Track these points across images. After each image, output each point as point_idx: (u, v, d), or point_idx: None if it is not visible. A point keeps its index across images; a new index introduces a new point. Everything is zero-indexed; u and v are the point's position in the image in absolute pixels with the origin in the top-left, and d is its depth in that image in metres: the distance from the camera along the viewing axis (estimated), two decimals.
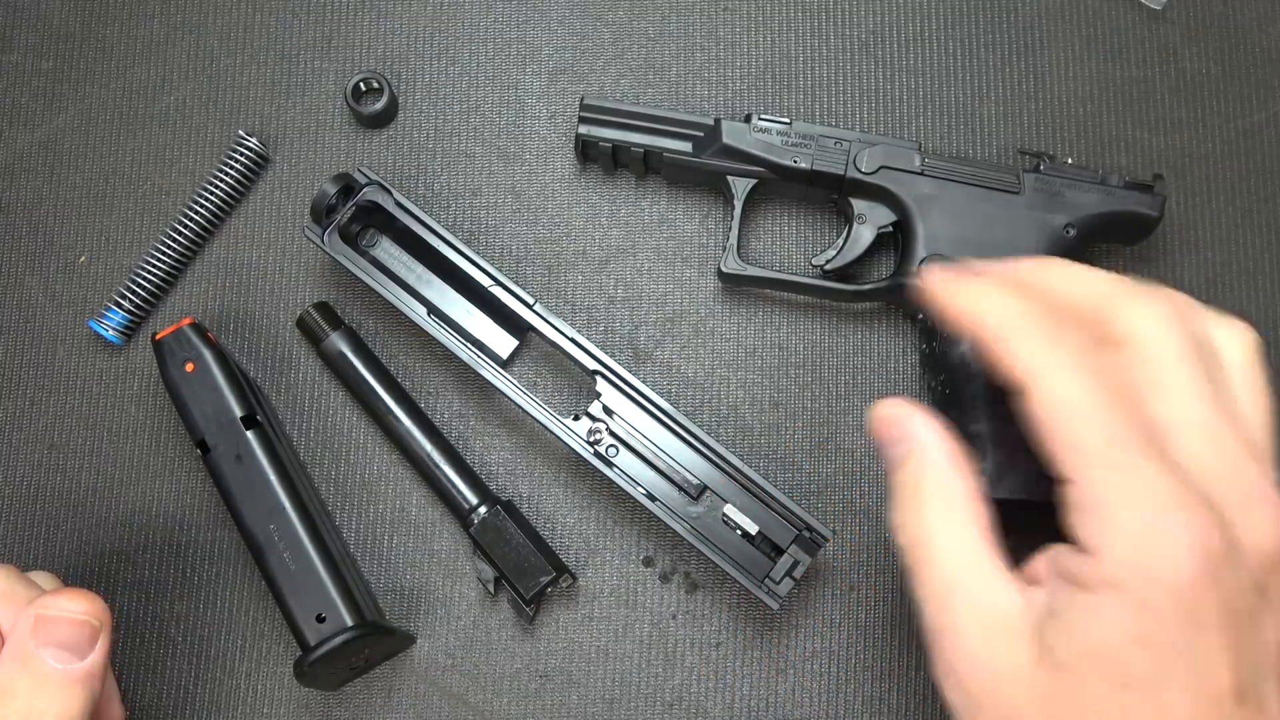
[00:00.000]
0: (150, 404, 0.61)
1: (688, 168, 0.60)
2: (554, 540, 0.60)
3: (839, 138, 0.59)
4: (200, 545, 0.60)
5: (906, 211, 0.58)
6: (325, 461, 0.61)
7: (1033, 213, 0.57)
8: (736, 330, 0.62)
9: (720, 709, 0.59)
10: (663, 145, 0.60)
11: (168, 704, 0.59)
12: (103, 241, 0.63)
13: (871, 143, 0.58)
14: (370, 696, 0.59)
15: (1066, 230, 0.57)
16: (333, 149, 0.64)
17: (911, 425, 0.45)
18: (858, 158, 0.58)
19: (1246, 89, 0.64)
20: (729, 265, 0.60)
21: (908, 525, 0.44)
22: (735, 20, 0.65)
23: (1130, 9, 0.65)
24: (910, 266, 0.57)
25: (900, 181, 0.58)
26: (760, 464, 0.61)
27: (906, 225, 0.58)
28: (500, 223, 0.63)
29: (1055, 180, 0.58)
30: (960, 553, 0.42)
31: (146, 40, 0.65)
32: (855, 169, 0.58)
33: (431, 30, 0.65)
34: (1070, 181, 0.58)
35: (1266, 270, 0.62)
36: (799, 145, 0.59)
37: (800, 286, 0.60)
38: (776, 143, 0.59)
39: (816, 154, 0.59)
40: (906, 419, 0.45)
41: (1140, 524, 0.38)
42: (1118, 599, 0.38)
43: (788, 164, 0.59)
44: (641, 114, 0.60)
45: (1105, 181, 0.58)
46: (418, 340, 0.62)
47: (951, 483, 0.44)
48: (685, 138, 0.60)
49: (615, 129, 0.60)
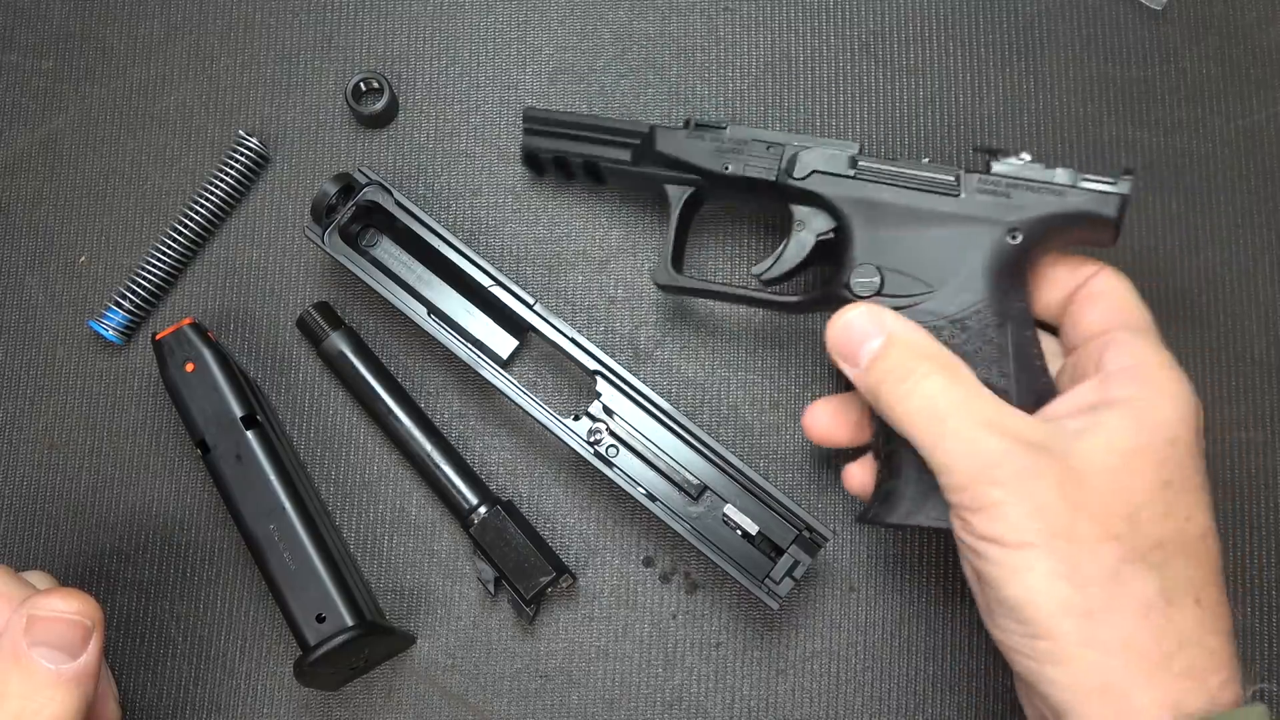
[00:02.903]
0: (150, 404, 0.61)
1: (629, 176, 0.59)
2: (554, 540, 0.60)
3: (772, 142, 0.56)
4: (200, 545, 0.60)
5: (841, 217, 0.54)
6: (325, 461, 0.61)
7: (973, 216, 0.52)
8: (736, 330, 0.62)
9: (720, 709, 0.59)
10: (602, 154, 0.58)
11: (168, 704, 0.59)
12: (103, 241, 0.63)
13: (807, 146, 0.55)
14: (370, 696, 0.59)
15: (1011, 235, 0.51)
16: (333, 149, 0.64)
17: (881, 318, 0.49)
18: (790, 163, 0.55)
19: (1246, 89, 0.64)
20: (660, 277, 0.57)
21: (918, 398, 0.47)
22: (735, 20, 0.65)
23: (1130, 9, 0.65)
24: (842, 276, 0.53)
25: (833, 185, 0.54)
26: (760, 464, 0.61)
27: (842, 231, 0.54)
28: (500, 223, 0.63)
29: (1000, 181, 0.52)
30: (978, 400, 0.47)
31: (146, 40, 0.65)
32: (786, 175, 0.55)
33: (431, 30, 0.65)
34: (1017, 182, 0.52)
35: (1266, 270, 0.62)
36: (730, 151, 0.56)
37: (734, 297, 0.58)
38: (709, 149, 0.56)
39: (748, 160, 0.56)
40: (874, 316, 0.49)
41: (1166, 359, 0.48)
42: (1154, 405, 0.46)
43: (718, 170, 0.56)
44: (580, 122, 0.59)
45: (1059, 180, 0.52)
46: (418, 340, 0.62)
47: (939, 351, 0.49)
48: (624, 145, 0.58)
49: (557, 139, 0.59)
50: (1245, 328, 0.62)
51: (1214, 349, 0.61)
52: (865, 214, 0.54)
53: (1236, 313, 0.62)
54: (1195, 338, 0.61)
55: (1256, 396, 0.61)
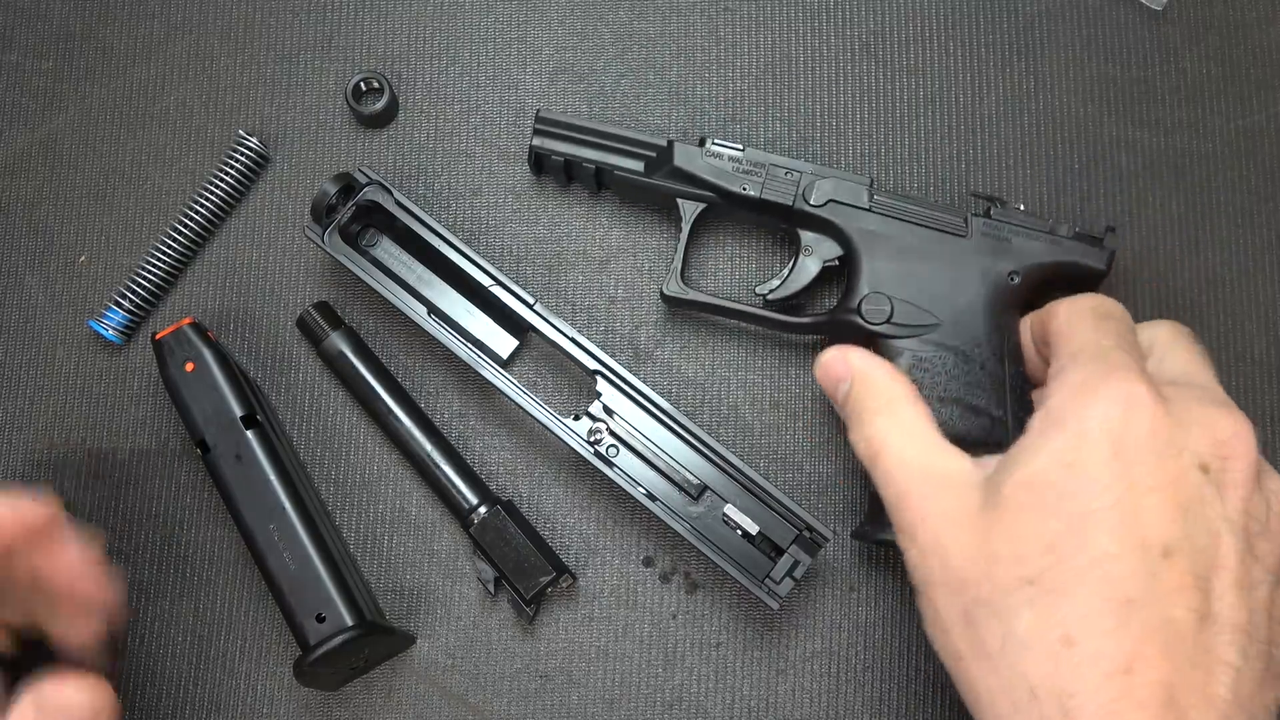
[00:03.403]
0: (150, 404, 0.61)
1: (639, 187, 0.60)
2: (554, 540, 0.60)
3: (790, 168, 0.58)
4: (200, 545, 0.60)
5: (852, 246, 0.57)
6: (325, 461, 0.61)
7: (978, 257, 0.56)
8: (737, 330, 0.62)
9: (720, 709, 0.59)
10: (615, 163, 0.59)
11: (168, 704, 0.59)
12: (103, 241, 0.63)
13: (823, 175, 0.58)
14: (370, 696, 0.59)
15: (1011, 277, 0.56)
16: (333, 149, 0.64)
17: (847, 359, 0.51)
18: (807, 190, 0.58)
19: (1246, 89, 0.64)
20: (670, 289, 0.59)
21: (862, 437, 0.49)
22: (735, 20, 0.65)
23: (1130, 9, 0.65)
24: (851, 302, 0.57)
25: (847, 216, 0.57)
26: (760, 464, 0.61)
27: (851, 260, 0.58)
28: (500, 223, 0.63)
29: (1003, 226, 0.57)
30: (908, 437, 0.48)
31: (146, 40, 0.65)
32: (803, 201, 0.58)
33: (431, 30, 0.65)
34: (1018, 229, 0.57)
35: (1266, 270, 0.62)
36: (749, 172, 0.58)
37: (742, 314, 0.60)
38: (727, 169, 0.58)
39: (766, 183, 0.58)
40: (841, 357, 0.51)
41: (1084, 376, 0.45)
42: (1055, 434, 0.43)
43: (736, 190, 0.58)
44: (596, 130, 0.59)
45: (1054, 231, 0.57)
46: (418, 340, 0.62)
47: (890, 388, 0.50)
48: (638, 157, 0.59)
49: (569, 143, 0.60)
50: (1245, 328, 0.62)
51: (1214, 349, 0.61)
52: (876, 246, 0.57)
53: (1236, 313, 0.62)
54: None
55: (1256, 396, 0.61)
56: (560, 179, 0.62)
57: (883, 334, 0.56)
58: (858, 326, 0.56)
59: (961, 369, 0.55)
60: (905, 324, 0.56)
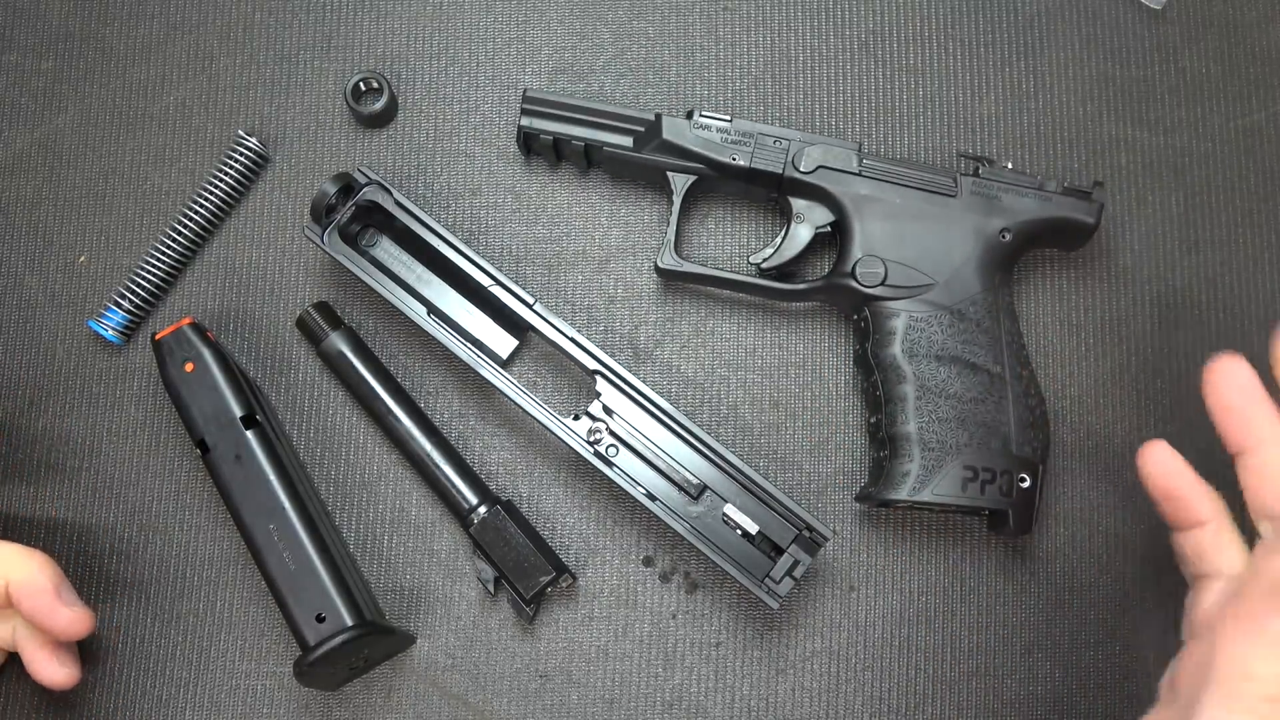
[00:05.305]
0: (150, 404, 0.61)
1: (628, 162, 0.60)
2: (554, 540, 0.60)
3: (779, 136, 0.58)
4: (200, 545, 0.60)
5: (843, 211, 0.58)
6: (325, 461, 0.61)
7: (969, 216, 0.57)
8: (736, 330, 0.62)
9: (720, 709, 0.59)
10: (604, 139, 0.60)
11: (168, 704, 0.59)
12: (103, 241, 0.63)
13: (811, 142, 0.58)
14: (370, 696, 0.59)
15: (1002, 235, 0.57)
16: (333, 149, 0.64)
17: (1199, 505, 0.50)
18: (796, 157, 0.58)
19: (1246, 89, 0.64)
20: (665, 261, 0.59)
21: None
22: (735, 20, 0.65)
23: (1130, 9, 0.65)
24: (845, 266, 0.57)
25: (838, 181, 0.58)
26: (760, 464, 0.61)
27: (843, 225, 0.58)
28: (500, 223, 0.63)
29: (993, 184, 0.57)
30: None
31: (146, 40, 0.65)
32: (793, 168, 0.58)
33: (431, 30, 0.65)
34: (1008, 186, 0.57)
35: (1266, 270, 0.62)
36: (738, 143, 0.59)
37: (737, 284, 0.60)
38: (716, 140, 0.59)
39: (755, 152, 0.58)
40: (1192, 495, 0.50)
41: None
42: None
43: (726, 161, 0.58)
44: (583, 107, 0.60)
45: (1043, 187, 0.57)
46: (418, 340, 0.62)
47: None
48: (626, 132, 0.60)
49: (557, 121, 0.60)
50: (1245, 328, 0.62)
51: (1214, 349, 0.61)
52: (867, 209, 0.57)
53: (1236, 313, 0.62)
54: (1195, 338, 0.62)
55: None
56: (550, 158, 0.62)
57: (878, 296, 0.56)
58: (853, 290, 0.57)
59: (958, 327, 0.56)
60: (900, 285, 0.56)
